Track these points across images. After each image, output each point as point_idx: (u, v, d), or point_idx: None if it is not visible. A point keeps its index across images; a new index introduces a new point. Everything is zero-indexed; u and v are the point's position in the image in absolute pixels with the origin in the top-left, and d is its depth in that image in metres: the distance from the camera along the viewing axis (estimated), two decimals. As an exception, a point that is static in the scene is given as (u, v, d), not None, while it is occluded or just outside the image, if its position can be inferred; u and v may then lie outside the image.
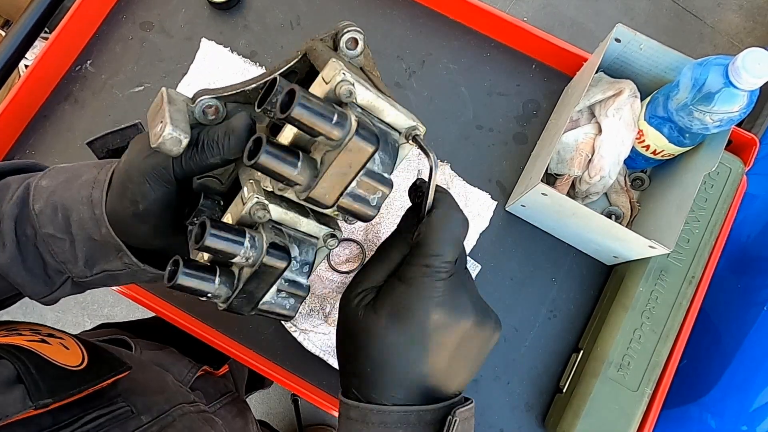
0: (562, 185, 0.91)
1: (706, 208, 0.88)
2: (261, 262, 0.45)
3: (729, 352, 1.02)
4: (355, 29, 0.50)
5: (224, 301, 0.47)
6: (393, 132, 0.49)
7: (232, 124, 0.48)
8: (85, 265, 0.55)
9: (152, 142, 0.45)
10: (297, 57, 0.50)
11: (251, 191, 0.46)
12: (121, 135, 0.63)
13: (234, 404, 0.94)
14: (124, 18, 1.02)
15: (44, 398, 0.47)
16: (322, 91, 0.43)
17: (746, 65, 0.68)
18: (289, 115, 0.38)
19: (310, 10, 1.02)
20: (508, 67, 1.01)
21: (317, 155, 0.43)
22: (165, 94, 0.48)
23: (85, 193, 0.52)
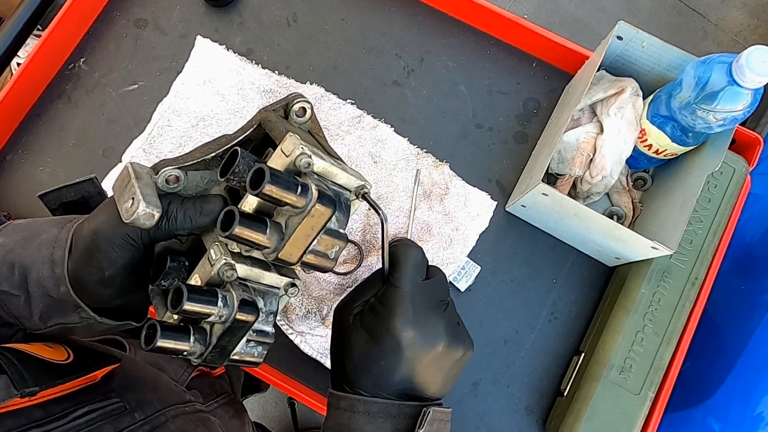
0: (563, 185, 0.90)
1: (709, 209, 0.87)
2: (233, 318, 0.49)
3: (733, 354, 1.01)
4: (303, 100, 0.57)
5: (198, 357, 0.51)
6: (345, 192, 0.56)
7: (208, 207, 0.53)
8: (40, 319, 0.56)
9: (125, 218, 0.48)
10: (252, 126, 0.55)
11: (218, 253, 0.50)
12: (75, 189, 0.64)
13: (230, 405, 0.94)
14: (118, 15, 1.01)
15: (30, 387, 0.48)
16: (283, 163, 0.49)
17: (750, 63, 0.68)
18: (261, 192, 0.43)
19: (307, 7, 1.01)
20: (508, 64, 1.00)
21: (281, 219, 0.49)
22: (131, 170, 0.50)
23: (45, 252, 0.53)
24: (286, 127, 0.53)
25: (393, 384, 0.54)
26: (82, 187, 0.64)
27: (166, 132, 0.94)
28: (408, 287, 0.54)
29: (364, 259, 0.90)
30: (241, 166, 0.48)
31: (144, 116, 0.95)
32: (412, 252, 0.57)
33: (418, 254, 0.57)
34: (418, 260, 0.57)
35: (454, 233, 0.91)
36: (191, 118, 0.95)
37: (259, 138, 0.56)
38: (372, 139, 0.95)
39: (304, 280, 0.89)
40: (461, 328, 0.59)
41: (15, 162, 0.95)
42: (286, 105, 0.57)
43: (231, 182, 0.49)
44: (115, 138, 0.95)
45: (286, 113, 0.58)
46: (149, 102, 0.96)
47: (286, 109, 0.58)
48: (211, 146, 0.54)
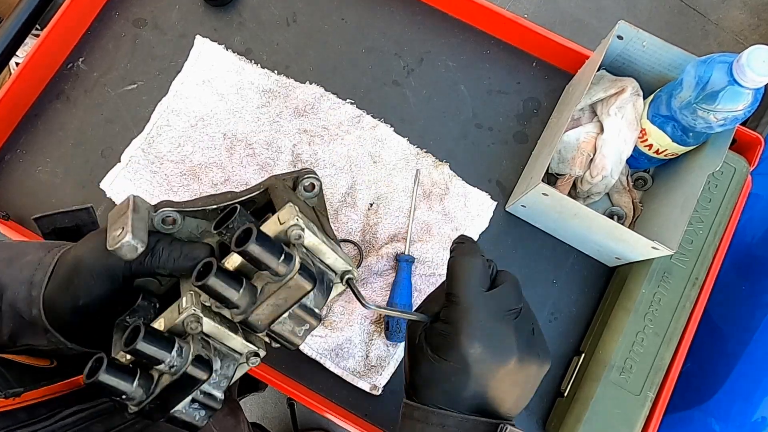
0: (564, 185, 0.90)
1: (710, 209, 0.87)
2: (183, 371, 0.47)
3: (733, 355, 1.00)
4: (313, 176, 0.58)
5: (136, 404, 0.48)
6: (330, 272, 0.55)
7: (194, 252, 0.53)
8: (9, 339, 0.55)
9: (109, 245, 0.48)
10: (259, 189, 0.56)
11: (189, 302, 0.49)
12: (70, 216, 0.64)
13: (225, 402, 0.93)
14: (117, 15, 1.01)
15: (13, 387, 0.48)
16: (276, 230, 0.49)
17: (751, 63, 0.67)
18: (244, 250, 0.43)
19: (306, 7, 1.01)
20: (508, 64, 1.00)
21: (258, 284, 0.48)
22: (131, 202, 0.50)
23: (26, 273, 0.53)
24: (290, 197, 0.54)
25: (464, 400, 0.52)
26: (77, 215, 0.64)
27: (165, 132, 0.94)
28: (469, 301, 0.53)
29: (363, 259, 0.90)
30: (235, 223, 0.49)
31: (143, 116, 0.95)
32: (470, 263, 0.55)
33: (477, 264, 0.55)
34: (478, 271, 0.54)
35: (454, 233, 0.91)
36: (190, 117, 0.95)
37: (263, 202, 0.57)
38: (372, 139, 0.94)
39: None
40: (536, 337, 0.56)
41: (13, 162, 0.95)
42: (296, 177, 0.58)
43: (222, 236, 0.50)
44: (114, 138, 0.95)
45: (295, 185, 0.59)
46: (148, 102, 0.96)
47: (296, 182, 0.58)
48: (215, 198, 0.55)
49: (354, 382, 0.86)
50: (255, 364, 0.55)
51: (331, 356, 0.86)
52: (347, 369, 0.86)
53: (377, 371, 0.86)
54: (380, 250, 0.89)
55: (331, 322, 0.87)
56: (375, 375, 0.86)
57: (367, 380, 0.86)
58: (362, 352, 0.87)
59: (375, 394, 0.86)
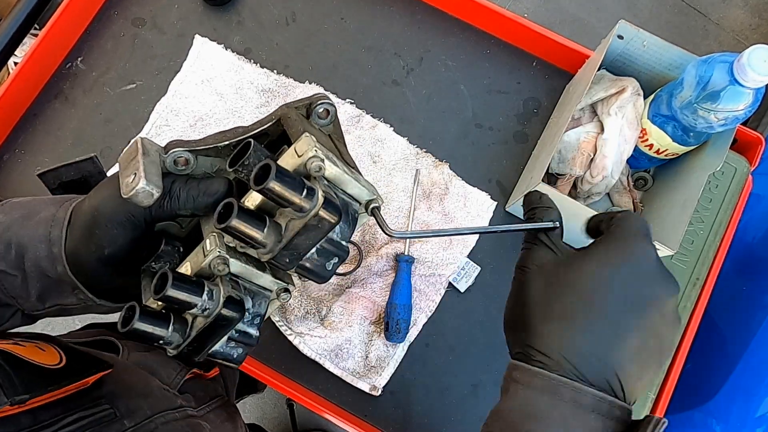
0: (564, 185, 0.89)
1: (710, 209, 0.87)
2: (216, 313, 0.47)
3: (734, 356, 1.00)
4: (327, 102, 0.54)
5: (175, 348, 0.49)
6: (354, 203, 0.54)
7: (212, 188, 0.51)
8: (38, 300, 0.55)
9: (123, 193, 0.46)
10: (271, 120, 0.53)
11: (213, 245, 0.48)
12: (75, 168, 0.62)
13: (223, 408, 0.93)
14: (116, 14, 1.00)
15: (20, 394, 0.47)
16: (294, 163, 0.47)
17: (752, 63, 0.67)
18: (264, 188, 0.42)
19: (306, 6, 1.01)
20: (508, 64, 0.99)
21: (282, 221, 0.47)
22: (140, 145, 0.49)
23: (42, 231, 0.52)
24: (305, 126, 0.51)
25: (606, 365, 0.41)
26: (82, 166, 0.63)
27: (164, 132, 0.94)
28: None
29: (363, 259, 0.89)
30: (251, 159, 0.47)
31: (142, 116, 0.95)
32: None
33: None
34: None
35: (453, 233, 0.91)
36: (189, 117, 0.94)
37: (276, 134, 0.55)
38: (371, 138, 0.94)
39: (298, 285, 0.88)
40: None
41: (12, 162, 0.94)
42: (309, 104, 0.55)
43: (239, 174, 0.48)
44: (113, 138, 0.95)
45: (308, 113, 0.56)
46: (147, 101, 0.96)
47: (309, 109, 0.55)
48: (226, 134, 0.53)
49: (353, 383, 0.85)
50: (286, 300, 0.56)
51: (330, 357, 0.86)
52: (347, 369, 0.86)
53: (377, 372, 0.86)
54: (380, 250, 0.89)
55: (331, 322, 0.86)
56: (374, 375, 0.86)
57: (367, 381, 0.86)
58: (362, 352, 0.87)
59: (374, 394, 0.85)
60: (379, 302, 0.88)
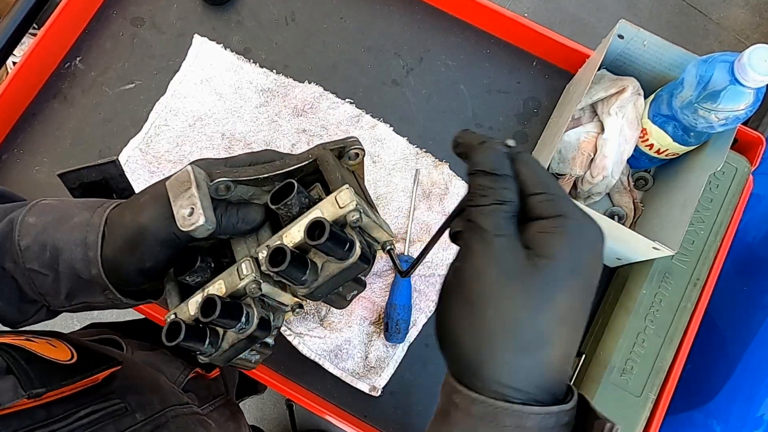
0: (564, 185, 0.89)
1: (711, 209, 0.86)
2: (250, 333, 0.55)
3: (734, 356, 1.00)
4: (359, 146, 0.60)
5: (206, 356, 0.56)
6: (375, 243, 0.60)
7: (250, 216, 0.57)
8: (66, 298, 0.57)
9: (181, 225, 0.51)
10: (308, 160, 0.57)
11: (249, 270, 0.54)
12: (97, 170, 0.65)
13: (226, 407, 0.93)
14: (115, 14, 1.00)
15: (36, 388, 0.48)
16: (334, 212, 0.52)
17: (752, 62, 0.67)
18: (318, 244, 0.48)
19: (305, 6, 1.01)
20: (508, 64, 0.99)
21: (318, 261, 0.53)
22: (193, 176, 0.52)
23: (78, 235, 0.55)
24: (340, 171, 0.56)
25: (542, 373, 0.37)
26: (104, 168, 0.65)
27: (163, 131, 0.94)
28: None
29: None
30: (294, 200, 0.53)
31: (141, 115, 0.95)
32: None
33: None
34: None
35: (453, 234, 0.90)
36: (188, 117, 0.94)
37: (309, 170, 0.59)
38: (371, 138, 0.94)
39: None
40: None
41: (10, 162, 0.94)
42: (342, 147, 0.60)
43: (280, 211, 0.54)
44: (112, 137, 0.95)
45: (341, 154, 0.61)
46: (146, 101, 0.96)
47: (341, 151, 0.61)
48: (265, 167, 0.57)
49: (353, 384, 0.85)
50: (300, 314, 0.64)
51: (330, 357, 0.86)
52: (346, 370, 0.86)
53: (376, 372, 0.86)
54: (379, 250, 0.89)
55: (330, 323, 0.86)
56: (374, 376, 0.86)
57: (367, 381, 0.85)
58: (361, 353, 0.87)
59: (374, 395, 0.85)
60: (378, 302, 0.87)
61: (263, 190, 0.57)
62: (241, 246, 0.58)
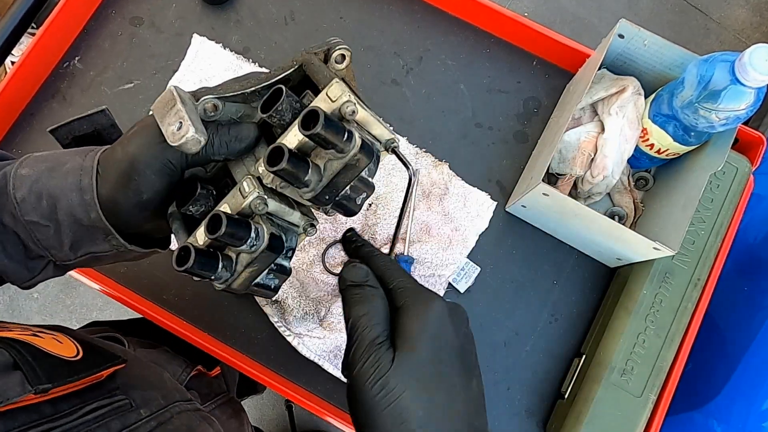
0: (564, 185, 0.89)
1: (711, 209, 0.86)
2: (262, 249, 0.52)
3: (735, 357, 1.00)
4: (344, 47, 0.57)
5: (223, 282, 0.54)
6: (376, 142, 0.57)
7: (243, 133, 0.54)
8: (70, 249, 0.56)
9: (171, 141, 0.49)
10: (293, 67, 0.56)
11: (251, 187, 0.52)
12: (88, 121, 0.63)
13: (229, 405, 0.93)
14: (114, 13, 1.00)
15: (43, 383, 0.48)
16: (329, 107, 0.51)
17: (753, 62, 0.67)
18: (313, 133, 0.46)
19: (304, 5, 1.00)
20: (508, 63, 0.99)
21: (320, 162, 0.51)
22: (176, 94, 0.50)
23: (72, 179, 0.54)
24: (329, 72, 0.54)
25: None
26: (94, 119, 0.63)
27: (162, 131, 0.93)
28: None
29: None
30: (284, 105, 0.50)
31: (140, 115, 0.94)
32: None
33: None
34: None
35: (453, 234, 0.90)
36: (187, 117, 0.94)
37: (297, 79, 0.57)
38: (370, 138, 0.94)
39: (302, 280, 0.88)
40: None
41: (9, 162, 0.94)
42: (327, 50, 0.58)
43: (272, 119, 0.51)
44: (111, 137, 0.94)
45: (326, 58, 0.58)
46: (145, 101, 0.95)
47: (327, 54, 0.58)
48: (250, 81, 0.55)
49: (352, 384, 0.85)
50: (312, 234, 0.60)
51: (329, 358, 0.85)
52: (346, 371, 0.85)
53: (376, 373, 0.85)
54: (379, 250, 0.88)
55: (330, 323, 0.86)
56: (374, 377, 0.85)
57: (366, 382, 0.85)
58: (361, 353, 0.86)
59: (374, 395, 0.85)
60: (378, 303, 0.87)
61: (253, 107, 0.56)
62: (240, 168, 0.57)
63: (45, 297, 1.99)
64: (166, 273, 0.89)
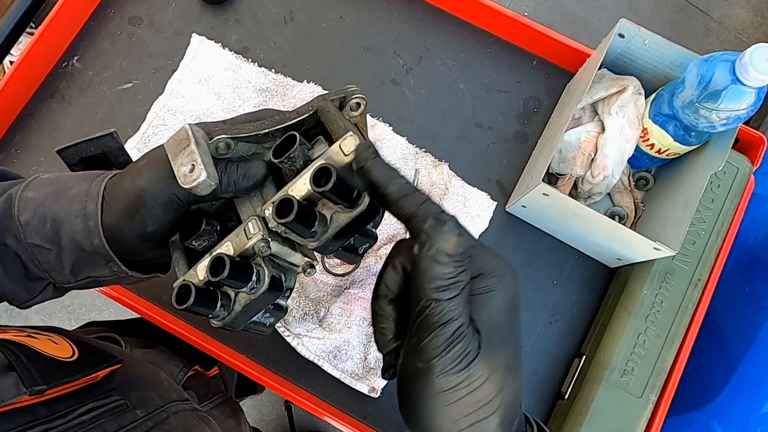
0: (564, 185, 0.89)
1: (712, 209, 0.86)
2: (261, 292, 0.53)
3: (736, 357, 1.00)
4: (360, 96, 0.58)
5: (220, 320, 0.54)
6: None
7: (252, 171, 0.54)
8: (71, 272, 0.56)
9: (182, 183, 0.49)
10: (308, 112, 0.56)
11: (256, 228, 0.52)
12: (95, 143, 0.63)
13: (226, 405, 0.93)
14: (113, 12, 1.00)
15: (38, 385, 0.48)
16: (340, 160, 0.50)
17: (754, 61, 0.67)
18: (325, 192, 0.46)
19: (304, 5, 1.00)
20: (508, 63, 0.99)
21: (326, 212, 0.51)
22: (190, 133, 0.50)
23: (77, 205, 0.54)
24: (343, 122, 0.54)
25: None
26: (102, 141, 0.63)
27: (161, 131, 0.93)
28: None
29: (361, 260, 0.89)
30: (296, 152, 0.50)
31: (139, 115, 0.94)
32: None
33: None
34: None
35: (453, 234, 0.90)
36: (187, 117, 0.94)
37: (310, 123, 0.57)
38: (370, 137, 0.93)
39: (302, 281, 0.88)
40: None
41: (7, 161, 0.94)
42: (343, 98, 0.58)
43: (283, 165, 0.52)
44: (110, 137, 0.94)
45: (342, 105, 0.59)
46: (144, 101, 0.95)
47: (342, 101, 0.58)
48: (265, 122, 0.55)
49: (352, 385, 0.85)
50: (311, 274, 0.60)
51: (328, 358, 0.85)
52: (345, 371, 0.85)
53: (376, 373, 0.85)
54: (378, 251, 0.88)
55: (329, 323, 0.86)
56: (374, 377, 0.85)
57: (366, 383, 0.85)
58: (360, 354, 0.86)
59: (374, 396, 0.85)
60: (377, 303, 0.87)
61: (264, 147, 0.56)
62: (246, 206, 0.57)
63: (44, 297, 1.99)
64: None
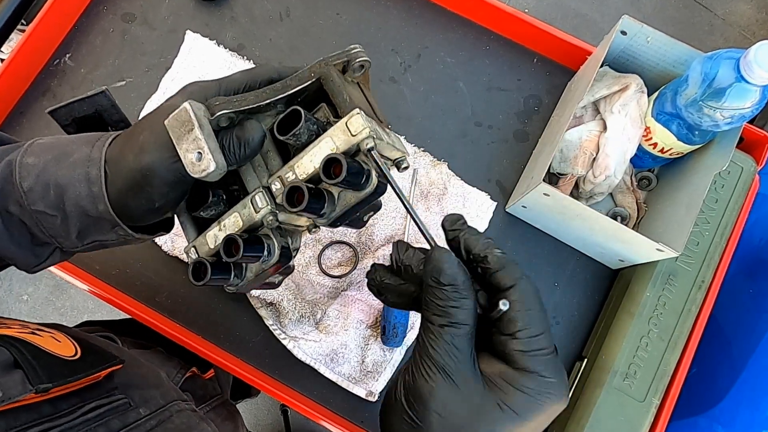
0: (565, 185, 0.88)
1: (716, 209, 0.85)
2: (272, 263, 0.56)
3: (740, 360, 0.99)
4: (364, 57, 0.57)
5: (233, 287, 0.58)
6: (388, 161, 0.58)
7: (247, 136, 0.53)
8: (77, 237, 0.57)
9: (191, 171, 0.50)
10: (310, 79, 0.55)
11: (264, 202, 0.54)
12: (88, 103, 0.63)
13: (223, 407, 0.93)
14: (105, 9, 0.98)
15: (43, 383, 0.48)
16: (347, 140, 0.50)
17: (759, 59, 0.66)
18: (337, 182, 0.47)
19: (300, 1, 0.99)
20: (508, 60, 0.98)
21: (334, 191, 0.53)
22: (193, 116, 0.49)
23: (80, 171, 0.54)
24: (347, 91, 0.54)
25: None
26: (95, 100, 0.62)
27: (154, 130, 0.92)
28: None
29: (359, 261, 0.88)
30: (302, 129, 0.50)
31: (132, 113, 0.93)
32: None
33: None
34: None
35: (452, 235, 0.89)
36: (181, 115, 0.92)
37: (312, 89, 0.56)
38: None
39: (298, 282, 0.87)
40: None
41: None
42: (346, 61, 0.57)
43: (289, 140, 0.51)
44: (103, 136, 0.93)
45: (345, 68, 0.58)
46: (137, 99, 0.94)
47: (346, 65, 0.58)
48: (266, 91, 0.55)
49: (349, 388, 0.84)
50: (316, 232, 0.63)
51: (325, 361, 0.84)
52: (342, 375, 0.84)
53: (373, 377, 0.84)
54: (376, 252, 0.87)
55: (326, 326, 0.85)
56: (371, 381, 0.84)
57: (363, 386, 0.84)
58: (358, 357, 0.85)
59: (371, 400, 0.84)
60: (375, 305, 0.86)
61: (266, 115, 0.56)
62: (252, 175, 0.57)
63: (35, 299, 1.99)
64: (158, 275, 0.88)
